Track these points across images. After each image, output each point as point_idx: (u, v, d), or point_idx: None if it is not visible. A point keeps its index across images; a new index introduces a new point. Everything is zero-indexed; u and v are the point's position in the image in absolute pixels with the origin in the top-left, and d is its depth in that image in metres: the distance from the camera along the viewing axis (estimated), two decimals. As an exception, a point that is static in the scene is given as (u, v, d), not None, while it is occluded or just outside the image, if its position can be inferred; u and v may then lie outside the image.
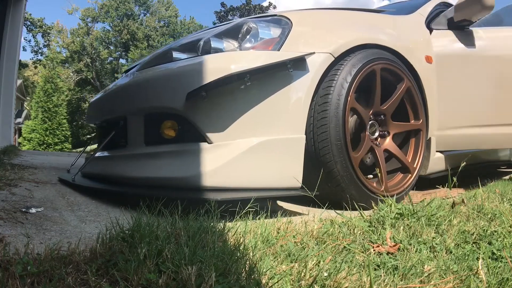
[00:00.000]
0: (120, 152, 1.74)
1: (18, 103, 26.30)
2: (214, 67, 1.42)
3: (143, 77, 1.65)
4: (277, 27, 1.56)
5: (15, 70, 4.97)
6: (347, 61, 1.57)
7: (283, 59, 1.43)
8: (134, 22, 35.52)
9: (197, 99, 1.38)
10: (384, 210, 1.39)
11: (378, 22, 1.95)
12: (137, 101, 1.61)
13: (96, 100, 2.11)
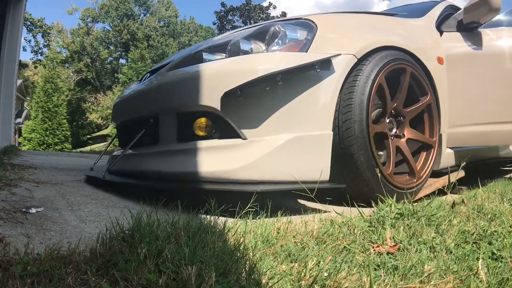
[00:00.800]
0: (152, 149, 1.79)
1: (18, 103, 26.30)
2: (249, 68, 1.50)
3: (177, 77, 1.70)
4: (303, 30, 1.64)
5: (15, 70, 4.97)
6: (368, 61, 1.66)
7: (313, 60, 1.50)
8: (134, 22, 35.52)
9: (232, 98, 1.46)
10: (384, 210, 1.39)
11: (394, 26, 2.06)
12: (170, 100, 1.66)
13: (122, 100, 2.16)
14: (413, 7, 3.00)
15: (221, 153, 1.51)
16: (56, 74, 15.62)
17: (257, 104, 1.50)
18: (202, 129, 1.59)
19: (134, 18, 36.37)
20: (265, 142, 1.46)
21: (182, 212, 1.23)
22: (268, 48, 1.61)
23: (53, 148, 14.67)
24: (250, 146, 1.47)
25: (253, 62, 1.54)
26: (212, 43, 1.81)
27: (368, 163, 1.59)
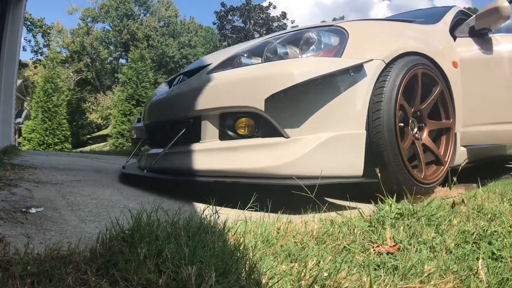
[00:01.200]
0: (193, 147, 1.88)
1: (18, 103, 26.29)
2: (293, 72, 1.61)
3: (220, 80, 1.80)
4: (336, 36, 1.76)
5: (15, 70, 4.96)
6: (394, 66, 1.79)
7: (349, 65, 1.62)
8: (134, 22, 35.52)
9: (275, 100, 1.58)
10: (384, 210, 1.39)
11: (415, 32, 2.21)
12: (214, 101, 1.77)
13: (158, 101, 2.24)
14: (425, 12, 3.21)
15: (265, 150, 1.63)
16: (56, 74, 15.59)
17: (298, 105, 1.62)
18: (245, 129, 1.72)
19: (134, 18, 36.36)
20: (306, 141, 1.58)
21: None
22: (304, 53, 1.72)
23: (53, 148, 14.66)
24: (293, 144, 1.59)
25: (296, 67, 1.65)
26: (249, 47, 1.90)
27: (395, 160, 1.70)
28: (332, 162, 1.59)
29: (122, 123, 13.11)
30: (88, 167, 3.14)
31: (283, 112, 1.61)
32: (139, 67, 13.34)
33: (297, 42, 1.75)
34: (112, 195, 1.87)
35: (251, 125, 1.70)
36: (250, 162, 1.63)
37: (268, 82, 1.61)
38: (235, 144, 1.72)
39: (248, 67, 1.76)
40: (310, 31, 1.76)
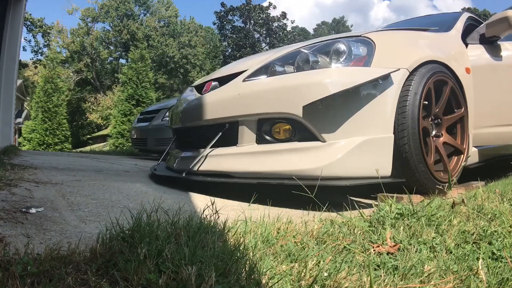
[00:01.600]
0: (229, 150, 2.00)
1: (18, 103, 26.28)
2: (330, 81, 1.72)
3: (258, 87, 1.91)
4: (364, 46, 1.86)
5: (15, 70, 4.96)
6: (417, 74, 1.89)
7: (380, 75, 1.73)
8: (134, 22, 35.51)
9: (312, 107, 1.68)
10: (384, 210, 1.39)
11: (433, 41, 2.33)
12: (252, 107, 1.88)
13: (190, 107, 2.34)
14: (435, 18, 3.41)
15: (304, 153, 1.74)
16: (56, 74, 15.55)
17: (332, 111, 1.73)
18: (283, 133, 1.84)
19: (134, 18, 36.35)
20: (342, 144, 1.70)
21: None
22: (335, 62, 1.82)
23: (53, 148, 14.65)
24: (330, 148, 1.71)
25: (332, 76, 1.75)
26: (281, 56, 2.00)
27: (418, 160, 1.80)
28: (364, 164, 1.70)
29: (122, 123, 13.09)
30: (88, 167, 3.14)
31: (319, 118, 1.72)
32: (139, 67, 13.32)
33: (327, 52, 1.85)
34: (112, 195, 1.87)
35: (288, 130, 1.82)
36: (289, 165, 1.74)
37: (306, 90, 1.72)
38: (273, 148, 1.84)
39: (285, 76, 1.87)
40: (340, 42, 1.85)
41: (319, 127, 1.72)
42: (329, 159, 1.68)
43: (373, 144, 1.71)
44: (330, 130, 1.72)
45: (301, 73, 1.82)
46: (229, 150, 2.00)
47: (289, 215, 1.57)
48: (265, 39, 29.47)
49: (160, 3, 39.28)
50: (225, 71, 2.33)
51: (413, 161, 1.77)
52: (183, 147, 2.52)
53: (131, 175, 2.79)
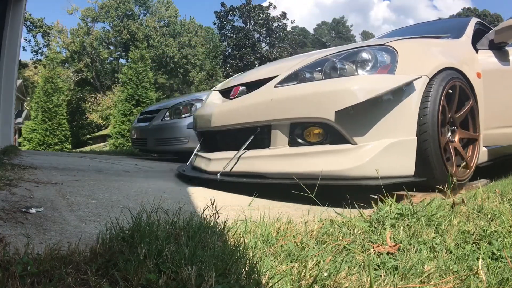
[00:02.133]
0: (264, 152, 2.10)
1: (18, 103, 26.26)
2: (360, 87, 1.82)
3: (291, 93, 2.00)
4: (388, 54, 1.97)
5: (15, 70, 4.95)
6: (435, 80, 2.01)
7: (404, 82, 1.84)
8: (134, 22, 35.50)
9: (344, 112, 1.79)
10: (384, 210, 1.39)
11: (448, 48, 2.45)
12: (285, 112, 1.98)
13: (223, 111, 2.41)
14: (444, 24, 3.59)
15: (336, 155, 1.85)
16: (56, 74, 15.53)
17: (362, 116, 1.83)
18: (314, 136, 1.95)
19: (134, 18, 36.34)
20: (371, 147, 1.81)
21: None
22: (361, 70, 1.93)
23: (53, 148, 14.63)
24: (360, 150, 1.81)
25: (363, 84, 1.86)
26: (310, 63, 2.09)
27: (438, 161, 1.91)
28: (391, 164, 1.82)
29: (122, 123, 13.09)
30: (88, 167, 3.14)
31: (349, 122, 1.83)
32: (139, 67, 13.31)
33: (353, 60, 1.96)
34: (112, 195, 1.87)
35: (319, 133, 1.94)
36: (322, 166, 1.84)
37: (338, 96, 1.82)
38: (306, 150, 1.94)
39: (317, 82, 1.96)
40: (365, 51, 1.97)
41: (350, 130, 1.83)
42: (360, 161, 1.79)
43: (399, 146, 1.83)
44: (360, 133, 1.83)
45: (333, 80, 1.92)
46: (262, 152, 2.11)
47: (289, 215, 1.57)
48: (265, 39, 29.45)
49: (160, 3, 39.27)
50: (252, 77, 2.44)
51: (433, 161, 1.89)
52: (210, 149, 2.63)
53: (131, 175, 2.79)
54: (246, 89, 2.35)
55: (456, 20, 3.35)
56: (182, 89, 37.19)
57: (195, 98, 4.62)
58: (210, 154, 2.52)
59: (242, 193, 2.15)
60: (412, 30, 3.79)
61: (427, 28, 3.78)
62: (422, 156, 1.88)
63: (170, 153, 5.29)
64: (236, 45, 27.78)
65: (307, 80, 2.01)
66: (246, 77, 2.54)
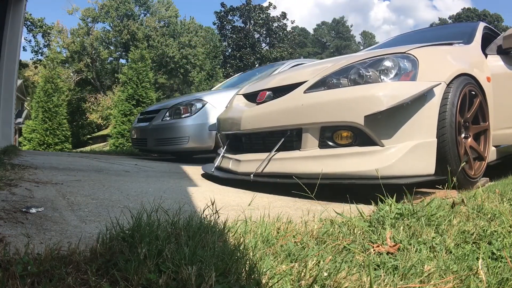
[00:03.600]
0: (295, 154, 2.21)
1: (18, 103, 26.27)
2: (388, 93, 1.95)
3: (320, 99, 2.12)
4: (409, 62, 2.09)
5: (16, 70, 4.95)
6: (452, 86, 2.15)
7: (426, 88, 1.97)
8: (134, 22, 35.50)
9: (373, 116, 1.92)
10: (384, 210, 1.39)
11: (460, 54, 2.57)
12: (316, 116, 2.10)
13: (253, 114, 2.51)
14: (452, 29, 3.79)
15: (365, 157, 1.97)
16: (56, 74, 15.53)
17: (390, 119, 1.96)
18: (343, 139, 2.07)
19: (134, 18, 36.34)
20: (398, 148, 1.94)
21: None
22: (385, 77, 2.06)
23: (53, 148, 14.63)
24: (387, 151, 1.94)
25: (391, 89, 1.98)
26: (337, 70, 2.20)
27: (455, 160, 2.05)
28: (414, 164, 1.95)
29: (122, 123, 13.09)
30: (88, 167, 3.14)
31: (377, 125, 1.95)
32: (139, 67, 13.31)
33: (377, 67, 2.09)
34: (112, 195, 1.87)
35: (348, 136, 2.06)
36: (352, 166, 1.96)
37: (368, 102, 1.95)
38: (336, 152, 2.05)
39: (347, 89, 2.08)
40: (389, 59, 2.10)
41: (378, 133, 1.96)
42: (388, 161, 1.91)
43: (422, 148, 1.96)
44: (387, 136, 1.96)
45: (361, 87, 2.04)
46: (293, 154, 2.22)
47: (289, 215, 1.57)
48: (265, 39, 29.46)
49: (160, 3, 39.28)
50: (278, 82, 2.55)
51: (451, 161, 2.04)
52: (236, 151, 2.75)
53: (131, 175, 2.79)
54: (273, 93, 2.48)
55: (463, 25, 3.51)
56: (182, 89, 37.20)
57: (195, 98, 4.62)
58: (239, 155, 2.62)
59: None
60: (421, 35, 3.94)
61: (435, 33, 3.94)
62: (441, 156, 2.02)
63: (170, 153, 5.29)
64: (236, 45, 27.78)
65: (334, 86, 2.14)
66: (271, 82, 2.65)
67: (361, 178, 1.94)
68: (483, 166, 2.42)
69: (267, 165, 2.31)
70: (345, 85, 2.11)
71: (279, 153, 2.28)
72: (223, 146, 2.94)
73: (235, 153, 2.72)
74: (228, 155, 2.78)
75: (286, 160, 2.24)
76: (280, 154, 2.28)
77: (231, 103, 3.00)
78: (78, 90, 34.06)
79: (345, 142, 2.07)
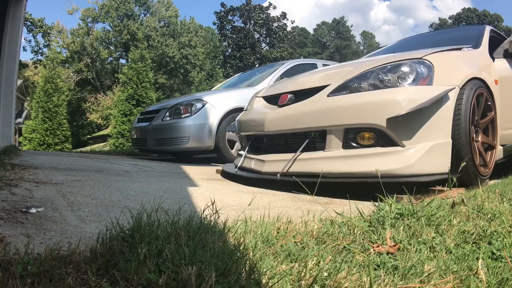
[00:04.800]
0: (319, 155, 2.31)
1: (18, 103, 26.26)
2: (409, 97, 2.06)
3: (344, 102, 2.22)
4: (425, 67, 2.20)
5: (16, 70, 4.95)
6: (465, 89, 2.27)
7: (442, 91, 2.09)
8: (134, 22, 35.50)
9: (394, 119, 2.03)
10: (384, 210, 1.39)
11: (470, 59, 2.70)
12: (340, 119, 2.20)
13: (277, 116, 2.60)
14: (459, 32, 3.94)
15: (386, 157, 2.08)
16: (56, 74, 15.54)
17: (410, 121, 2.06)
18: (366, 140, 2.18)
19: (134, 18, 36.34)
20: (417, 148, 2.05)
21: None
22: (403, 82, 2.17)
23: (53, 148, 14.64)
24: (408, 152, 2.06)
25: (410, 93, 2.10)
26: (358, 75, 2.30)
27: (469, 159, 2.17)
28: (433, 163, 2.06)
29: (122, 123, 13.10)
30: (88, 167, 3.14)
31: (398, 127, 2.06)
32: (139, 67, 13.32)
33: (396, 72, 2.20)
34: (112, 195, 1.87)
35: (370, 137, 2.17)
36: (375, 166, 2.05)
37: (390, 105, 2.06)
38: (359, 152, 2.16)
39: (368, 93, 2.19)
40: (406, 64, 2.22)
41: (399, 135, 2.07)
42: (409, 161, 2.03)
43: (439, 148, 2.09)
44: (407, 137, 2.07)
45: (383, 91, 2.16)
46: (317, 154, 2.32)
47: (289, 215, 1.57)
48: (265, 39, 29.46)
49: (160, 3, 39.27)
50: (298, 85, 2.64)
51: (466, 160, 2.14)
52: (257, 151, 2.86)
53: (131, 175, 2.79)
54: (294, 96, 2.56)
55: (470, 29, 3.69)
56: (182, 89, 37.19)
57: (195, 98, 4.62)
58: (262, 156, 2.71)
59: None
60: (430, 39, 4.09)
61: (442, 36, 4.12)
62: (456, 155, 2.14)
63: (170, 153, 5.29)
64: (236, 45, 27.78)
65: (356, 90, 2.25)
66: (291, 85, 2.74)
67: (383, 176, 2.02)
68: (493, 153, 2.59)
69: (292, 165, 2.41)
70: (366, 89, 2.22)
71: (303, 153, 2.38)
72: (244, 146, 3.05)
73: (257, 154, 2.82)
74: (250, 155, 2.88)
75: (311, 160, 2.34)
76: (305, 154, 2.38)
77: (251, 105, 3.10)
78: (78, 90, 34.06)
79: (367, 143, 2.18)
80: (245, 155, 2.94)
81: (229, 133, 4.46)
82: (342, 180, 2.17)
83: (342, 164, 2.19)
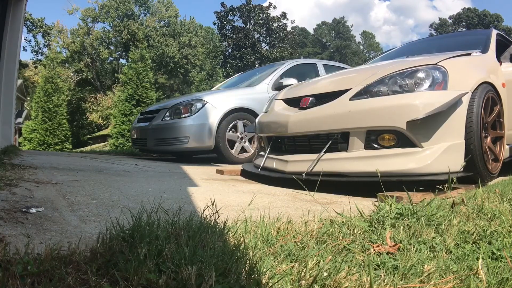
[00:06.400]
0: (342, 155, 2.43)
1: (18, 103, 26.26)
2: (428, 102, 2.20)
3: (366, 106, 2.34)
4: (440, 73, 2.34)
5: (16, 70, 4.94)
6: (476, 93, 2.42)
7: (457, 96, 2.23)
8: (134, 22, 35.49)
9: (414, 122, 2.17)
10: (384, 210, 1.39)
11: (479, 64, 2.86)
12: (363, 121, 2.33)
13: (300, 119, 2.69)
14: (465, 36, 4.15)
15: (406, 157, 2.22)
16: (57, 74, 15.54)
17: (427, 124, 2.20)
18: (387, 141, 2.31)
19: (134, 18, 36.33)
20: (434, 149, 2.20)
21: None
22: (420, 87, 2.29)
23: (53, 148, 14.63)
24: (425, 152, 2.20)
25: (428, 98, 2.22)
26: (377, 79, 2.42)
27: (480, 158, 2.32)
28: (448, 163, 2.20)
29: (122, 123, 13.10)
30: (88, 167, 3.14)
31: (417, 129, 2.20)
32: (140, 67, 13.32)
33: (413, 78, 2.33)
34: (112, 195, 1.87)
35: (391, 139, 2.30)
36: (396, 166, 2.22)
37: (409, 109, 2.20)
38: (381, 153, 2.29)
39: (389, 97, 2.32)
40: (422, 70, 2.34)
41: (417, 136, 2.21)
42: (427, 161, 2.17)
43: (454, 148, 2.24)
44: (425, 139, 2.21)
45: (403, 95, 2.29)
46: (340, 154, 2.44)
47: (289, 215, 1.57)
48: (265, 39, 29.45)
49: (160, 3, 39.26)
50: (320, 89, 2.76)
51: (477, 159, 2.31)
52: (278, 152, 2.96)
53: (131, 175, 2.79)
54: (315, 99, 2.68)
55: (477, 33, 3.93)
56: (182, 89, 37.18)
57: (195, 98, 4.62)
58: (285, 156, 2.81)
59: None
60: (439, 42, 4.24)
61: (450, 40, 4.29)
62: (468, 155, 2.27)
63: (170, 153, 5.28)
64: (236, 45, 27.78)
65: (376, 95, 2.38)
66: (311, 88, 2.87)
67: (405, 175, 2.18)
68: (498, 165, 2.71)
69: (316, 165, 2.53)
70: (385, 93, 2.35)
71: (326, 154, 2.50)
72: (265, 147, 3.17)
73: (278, 154, 2.92)
74: (273, 156, 2.98)
75: (334, 160, 2.46)
76: (328, 155, 2.50)
77: (271, 107, 3.20)
78: (78, 90, 34.05)
79: (388, 144, 2.31)
80: (266, 155, 3.04)
81: (229, 133, 4.46)
82: (365, 179, 2.29)
83: (364, 163, 2.32)
